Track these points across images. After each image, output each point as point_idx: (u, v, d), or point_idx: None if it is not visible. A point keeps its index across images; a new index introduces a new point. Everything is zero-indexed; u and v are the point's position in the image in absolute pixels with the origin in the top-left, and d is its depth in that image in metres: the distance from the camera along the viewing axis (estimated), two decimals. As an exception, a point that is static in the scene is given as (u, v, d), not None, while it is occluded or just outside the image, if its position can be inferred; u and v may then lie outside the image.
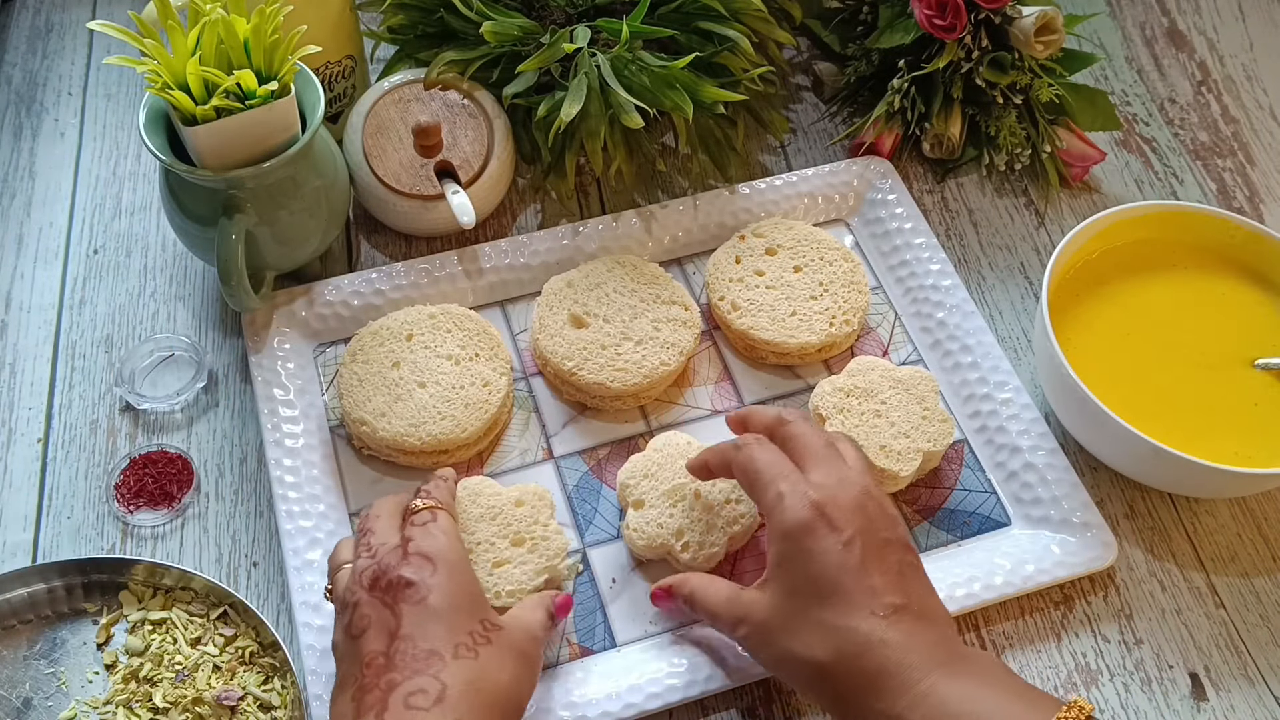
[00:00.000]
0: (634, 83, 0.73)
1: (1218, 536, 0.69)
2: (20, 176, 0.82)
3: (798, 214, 0.80)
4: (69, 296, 0.76)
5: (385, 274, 0.74)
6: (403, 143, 0.75)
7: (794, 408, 0.58)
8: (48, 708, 0.60)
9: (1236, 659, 0.64)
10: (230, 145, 0.63)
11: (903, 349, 0.75)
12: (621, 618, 0.64)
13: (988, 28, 0.79)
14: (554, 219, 0.81)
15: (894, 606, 0.52)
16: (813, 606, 0.53)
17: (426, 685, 0.49)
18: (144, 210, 0.81)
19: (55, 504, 0.68)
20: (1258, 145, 0.89)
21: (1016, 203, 0.84)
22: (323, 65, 0.76)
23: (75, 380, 0.72)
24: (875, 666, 0.51)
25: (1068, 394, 0.65)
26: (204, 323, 0.75)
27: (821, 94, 0.90)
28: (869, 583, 0.52)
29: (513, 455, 0.69)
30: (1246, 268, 0.73)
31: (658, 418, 0.71)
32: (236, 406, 0.72)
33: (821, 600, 0.52)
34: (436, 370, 0.69)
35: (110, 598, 0.63)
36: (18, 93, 0.87)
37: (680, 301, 0.72)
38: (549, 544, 0.62)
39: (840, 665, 0.51)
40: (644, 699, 0.59)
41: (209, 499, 0.68)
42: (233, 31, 0.62)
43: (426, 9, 0.77)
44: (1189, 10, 0.98)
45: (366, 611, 0.52)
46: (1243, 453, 0.65)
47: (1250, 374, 0.69)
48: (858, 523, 0.53)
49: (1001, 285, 0.80)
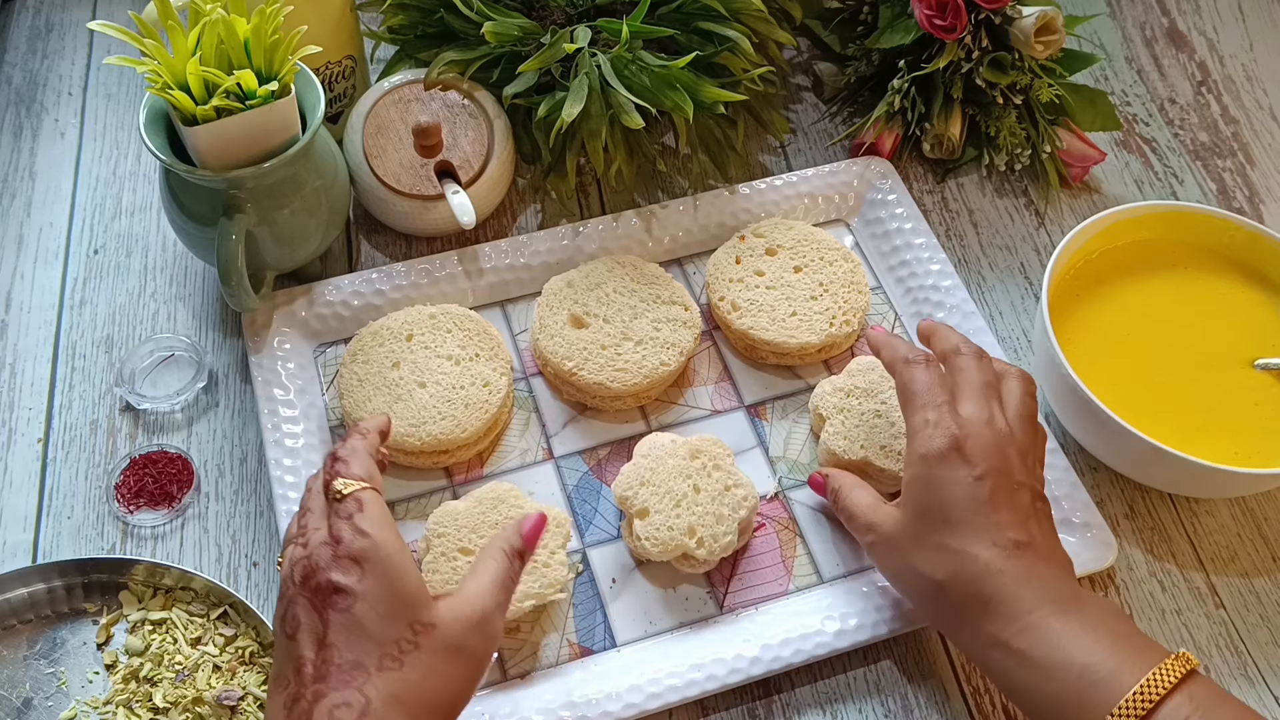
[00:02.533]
0: (634, 83, 0.73)
1: (1218, 536, 0.69)
2: (20, 176, 0.82)
3: (798, 214, 0.80)
4: (69, 296, 0.76)
5: (385, 274, 0.74)
6: (403, 143, 0.75)
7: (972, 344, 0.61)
8: (48, 708, 0.60)
9: (1236, 659, 0.64)
10: (230, 145, 0.63)
11: (903, 349, 0.75)
12: (621, 618, 0.64)
13: (988, 28, 0.79)
14: (554, 219, 0.81)
15: (1016, 542, 0.54)
16: (938, 529, 0.55)
17: (350, 699, 0.48)
18: (144, 210, 0.81)
19: (55, 504, 0.68)
20: (1258, 145, 0.89)
21: (1016, 203, 0.84)
22: (323, 65, 0.76)
23: (75, 380, 0.72)
24: (989, 592, 0.54)
25: (1068, 394, 0.65)
26: (204, 323, 0.75)
27: (821, 94, 0.90)
28: (995, 518, 0.55)
29: (513, 455, 0.69)
30: (1246, 268, 0.73)
31: (658, 418, 0.71)
32: (236, 406, 0.72)
33: (948, 525, 0.55)
34: (437, 370, 0.69)
35: (110, 598, 0.63)
36: (18, 93, 0.87)
37: (680, 302, 0.72)
38: (549, 573, 0.62)
39: (956, 587, 0.55)
40: (644, 699, 0.59)
41: (209, 499, 0.68)
42: (233, 31, 0.62)
43: (426, 9, 0.77)
44: (1189, 10, 0.98)
45: (297, 612, 0.51)
46: (1243, 453, 0.65)
47: (1250, 374, 0.69)
48: (993, 461, 0.55)
49: (1001, 285, 0.80)
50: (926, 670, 0.63)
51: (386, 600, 0.50)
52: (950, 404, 0.57)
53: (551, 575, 0.61)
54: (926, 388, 0.58)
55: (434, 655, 0.50)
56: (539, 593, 0.61)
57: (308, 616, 0.50)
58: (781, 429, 0.71)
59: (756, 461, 0.70)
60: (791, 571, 0.66)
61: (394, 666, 0.49)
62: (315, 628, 0.50)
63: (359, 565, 0.51)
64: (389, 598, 0.50)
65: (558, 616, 0.64)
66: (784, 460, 0.70)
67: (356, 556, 0.51)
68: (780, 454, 0.70)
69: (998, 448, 0.56)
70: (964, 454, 0.55)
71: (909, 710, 0.62)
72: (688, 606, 0.64)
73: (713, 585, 0.65)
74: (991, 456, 0.56)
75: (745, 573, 0.65)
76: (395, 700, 0.48)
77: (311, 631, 0.50)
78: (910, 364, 0.60)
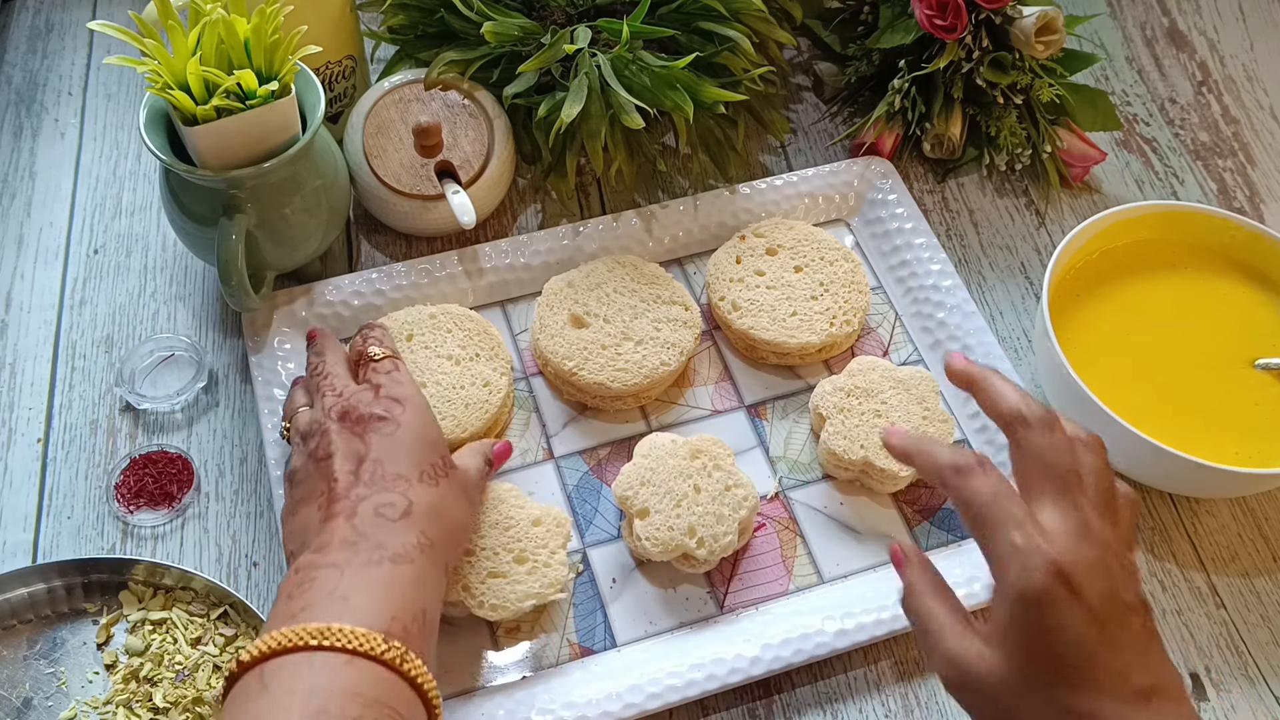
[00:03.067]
0: (634, 83, 0.73)
1: (1218, 536, 0.69)
2: (20, 176, 0.82)
3: (798, 214, 0.80)
4: (69, 296, 0.76)
5: (385, 274, 0.74)
6: (403, 143, 0.75)
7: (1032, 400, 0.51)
8: (48, 708, 0.60)
9: (1237, 659, 0.64)
10: (230, 145, 0.63)
11: (903, 349, 0.75)
12: (621, 618, 0.64)
13: (988, 28, 0.79)
14: (554, 219, 0.81)
15: (1142, 690, 0.46)
16: (1053, 685, 0.46)
17: (395, 500, 0.53)
18: (144, 210, 0.81)
19: (55, 504, 0.68)
20: (1258, 145, 0.89)
21: (1017, 203, 0.84)
22: (323, 65, 0.76)
23: (75, 380, 0.72)
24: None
25: (1068, 394, 0.65)
26: (204, 323, 0.75)
27: (822, 94, 0.90)
28: (1116, 664, 0.46)
29: (513, 455, 0.69)
30: (1246, 268, 0.73)
31: (658, 418, 0.71)
32: (236, 406, 0.72)
33: (1064, 680, 0.46)
34: (437, 370, 0.69)
35: (110, 598, 0.63)
36: (18, 93, 0.87)
37: (680, 301, 0.72)
38: (550, 572, 0.61)
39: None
40: (644, 699, 0.59)
41: (209, 499, 0.68)
42: (233, 31, 0.62)
43: (427, 9, 0.77)
44: (1189, 10, 0.98)
45: (334, 439, 0.55)
46: (1243, 453, 0.65)
47: (1250, 374, 0.69)
48: (1100, 584, 0.46)
49: (1002, 285, 0.80)
50: (927, 670, 0.63)
51: (424, 434, 0.56)
52: (1031, 516, 0.48)
53: (551, 575, 0.61)
54: (995, 501, 0.48)
55: (458, 488, 0.57)
56: (539, 593, 0.61)
57: (346, 442, 0.55)
58: (782, 429, 0.71)
59: (757, 461, 0.70)
60: (791, 571, 0.66)
61: (430, 483, 0.55)
62: (355, 449, 0.55)
63: (400, 404, 0.57)
64: (426, 431, 0.57)
65: (558, 616, 0.64)
66: (784, 460, 0.70)
67: (398, 398, 0.57)
68: (780, 454, 0.70)
69: (1102, 565, 0.47)
70: (1070, 584, 0.46)
71: (909, 710, 0.62)
72: (688, 606, 0.64)
73: (713, 585, 0.65)
74: (1098, 579, 0.46)
75: (745, 573, 0.65)
76: (433, 510, 0.54)
77: (350, 454, 0.55)
78: (962, 473, 0.50)
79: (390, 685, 0.47)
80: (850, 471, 0.68)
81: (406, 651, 0.48)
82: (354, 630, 0.47)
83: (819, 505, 0.68)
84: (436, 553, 0.53)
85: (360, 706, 0.45)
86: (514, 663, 0.62)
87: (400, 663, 0.47)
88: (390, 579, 0.50)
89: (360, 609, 0.48)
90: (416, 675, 0.48)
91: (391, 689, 0.47)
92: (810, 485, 0.69)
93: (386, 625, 0.48)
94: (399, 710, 0.46)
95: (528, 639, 0.63)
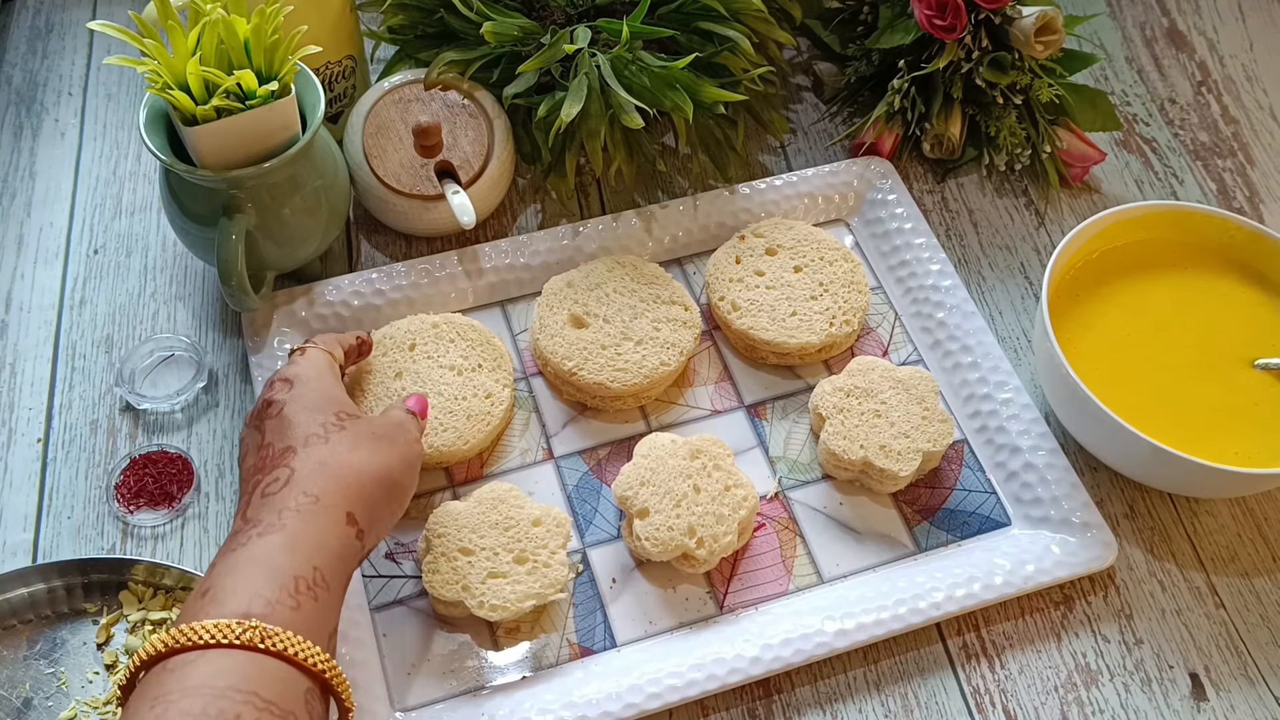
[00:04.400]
0: (634, 83, 0.73)
1: (1218, 536, 0.69)
2: (20, 176, 0.82)
3: (798, 214, 0.80)
4: (69, 296, 0.76)
5: (385, 274, 0.74)
6: (403, 143, 0.75)
7: None
8: (48, 708, 0.60)
9: (1236, 659, 0.64)
10: (230, 145, 0.63)
11: (903, 349, 0.75)
12: (621, 618, 0.64)
13: (988, 28, 0.79)
14: (554, 219, 0.81)
15: None
16: None
17: (279, 474, 0.53)
18: (144, 210, 0.81)
19: (55, 504, 0.68)
20: (1258, 145, 0.89)
21: (1016, 203, 0.84)
22: (323, 65, 0.76)
23: (75, 380, 0.72)
24: None
25: (1068, 394, 0.65)
26: (204, 323, 0.75)
27: (821, 94, 0.90)
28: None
29: (513, 455, 0.69)
30: (1246, 268, 0.73)
31: (658, 418, 0.71)
32: (236, 406, 0.72)
33: None
34: (439, 381, 0.68)
35: (110, 598, 0.63)
36: (18, 93, 0.87)
37: (680, 302, 0.72)
38: (549, 572, 0.62)
39: None
40: (644, 699, 0.59)
41: (209, 499, 0.68)
42: (233, 31, 0.62)
43: (426, 9, 0.77)
44: (1189, 10, 0.98)
45: (243, 438, 0.58)
46: (1243, 453, 0.65)
47: (1250, 374, 0.69)
48: None
49: (1001, 285, 0.80)
50: (926, 670, 0.63)
51: (312, 399, 0.57)
52: None
53: (551, 575, 0.61)
54: None
55: (359, 435, 0.56)
56: (539, 593, 0.61)
57: (251, 436, 0.57)
58: (781, 429, 0.71)
59: (756, 461, 0.70)
60: (791, 571, 0.66)
61: (319, 442, 0.55)
62: (256, 442, 0.56)
63: (288, 383, 0.58)
64: (315, 398, 0.57)
65: (558, 616, 0.64)
66: (784, 460, 0.70)
67: (288, 377, 0.58)
68: (780, 454, 0.70)
69: None
70: None
71: (909, 710, 0.62)
72: (688, 606, 0.64)
73: (713, 585, 0.65)
74: None
75: (745, 573, 0.65)
76: (320, 466, 0.53)
77: (253, 444, 0.56)
78: None
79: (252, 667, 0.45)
80: (850, 471, 0.68)
81: (265, 629, 0.46)
82: (201, 625, 0.46)
83: (819, 505, 0.68)
84: (324, 506, 0.52)
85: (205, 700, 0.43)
86: (514, 663, 0.62)
87: (262, 641, 0.46)
88: (255, 555, 0.49)
89: (218, 599, 0.47)
90: (288, 648, 0.46)
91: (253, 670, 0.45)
92: (810, 485, 0.69)
93: (246, 606, 0.47)
94: (259, 693, 0.45)
95: (528, 639, 0.63)
